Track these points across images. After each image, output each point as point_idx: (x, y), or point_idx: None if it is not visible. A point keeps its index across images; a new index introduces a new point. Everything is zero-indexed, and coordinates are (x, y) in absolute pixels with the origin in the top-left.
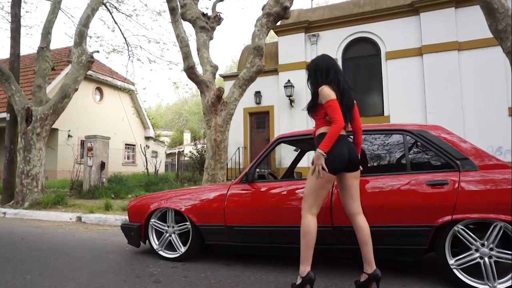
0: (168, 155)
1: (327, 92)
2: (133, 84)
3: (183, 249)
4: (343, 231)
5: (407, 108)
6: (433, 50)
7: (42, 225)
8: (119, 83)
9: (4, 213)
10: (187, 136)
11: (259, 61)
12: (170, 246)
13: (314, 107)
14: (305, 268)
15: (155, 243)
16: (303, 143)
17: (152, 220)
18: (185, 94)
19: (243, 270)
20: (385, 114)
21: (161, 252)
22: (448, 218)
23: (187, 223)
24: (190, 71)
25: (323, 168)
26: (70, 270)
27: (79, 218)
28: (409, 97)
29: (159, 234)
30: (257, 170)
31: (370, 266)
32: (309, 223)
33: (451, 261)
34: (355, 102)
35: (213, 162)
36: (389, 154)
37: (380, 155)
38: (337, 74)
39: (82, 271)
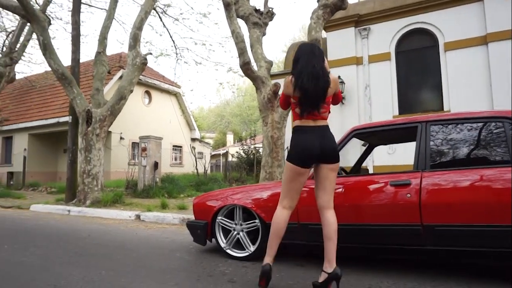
0: (211, 157)
1: (284, 84)
2: (179, 86)
3: (252, 248)
4: (435, 230)
5: (470, 102)
6: (500, 38)
7: (104, 222)
8: (166, 86)
9: (69, 210)
10: (229, 138)
11: None
12: (238, 245)
13: None
14: (266, 258)
15: (222, 241)
16: (378, 135)
17: (219, 217)
18: (227, 96)
19: (318, 271)
20: (445, 109)
21: (229, 251)
22: None
23: (256, 220)
24: (246, 67)
25: None
26: (141, 267)
27: (137, 216)
28: (472, 90)
29: (226, 232)
30: None
31: (330, 265)
32: (276, 214)
33: None
34: (327, 91)
35: (270, 159)
36: (488, 144)
37: (478, 146)
38: (301, 63)
39: (153, 269)
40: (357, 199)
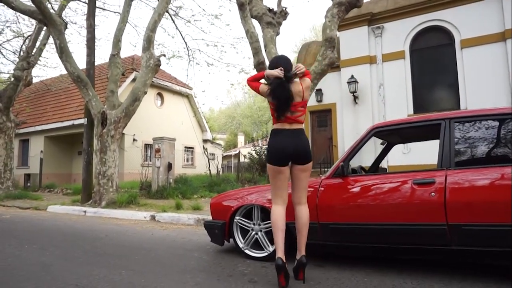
0: (223, 158)
1: (261, 89)
2: (191, 88)
3: (271, 248)
4: (462, 230)
5: (488, 100)
6: None
7: (120, 223)
8: (178, 88)
9: (85, 211)
10: (241, 139)
11: (331, 53)
12: (257, 245)
13: None
14: (277, 253)
15: (240, 241)
16: (399, 134)
17: (237, 217)
18: (238, 97)
19: (339, 271)
20: (462, 107)
21: (247, 251)
22: None
23: None
24: (260, 66)
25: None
26: (160, 267)
27: (153, 217)
28: (490, 88)
29: (244, 232)
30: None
31: (300, 253)
32: (272, 211)
33: None
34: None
35: None
36: None
37: (504, 142)
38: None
39: (172, 269)
40: (379, 198)
